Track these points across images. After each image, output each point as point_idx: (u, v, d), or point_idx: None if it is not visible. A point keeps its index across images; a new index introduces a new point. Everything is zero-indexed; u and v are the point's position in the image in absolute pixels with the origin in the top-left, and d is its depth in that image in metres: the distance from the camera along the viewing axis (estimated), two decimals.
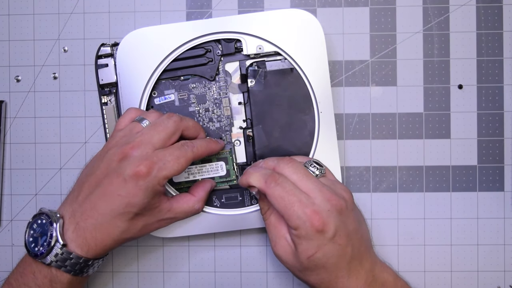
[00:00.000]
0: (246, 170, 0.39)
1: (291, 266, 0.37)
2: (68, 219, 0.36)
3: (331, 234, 0.34)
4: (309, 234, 0.34)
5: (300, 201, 0.35)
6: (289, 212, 0.35)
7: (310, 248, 0.35)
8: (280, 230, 0.37)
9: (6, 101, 0.46)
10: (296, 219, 0.34)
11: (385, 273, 0.38)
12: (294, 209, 0.34)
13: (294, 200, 0.35)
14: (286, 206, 0.35)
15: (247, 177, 0.38)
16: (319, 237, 0.34)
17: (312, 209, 0.34)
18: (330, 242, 0.34)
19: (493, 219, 0.45)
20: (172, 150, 0.36)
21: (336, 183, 0.38)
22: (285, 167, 0.37)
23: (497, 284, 0.44)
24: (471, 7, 0.45)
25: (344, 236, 0.35)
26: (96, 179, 0.36)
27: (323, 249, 0.34)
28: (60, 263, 0.35)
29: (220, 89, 0.43)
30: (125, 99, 0.42)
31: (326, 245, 0.34)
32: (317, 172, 0.38)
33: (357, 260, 0.36)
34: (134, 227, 0.37)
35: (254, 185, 0.37)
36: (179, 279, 0.45)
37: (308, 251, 0.35)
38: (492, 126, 0.45)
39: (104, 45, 0.44)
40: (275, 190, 0.35)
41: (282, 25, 0.42)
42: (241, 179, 0.38)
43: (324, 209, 0.35)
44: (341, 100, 0.45)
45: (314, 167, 0.38)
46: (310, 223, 0.34)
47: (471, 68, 0.45)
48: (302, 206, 0.34)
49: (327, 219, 0.34)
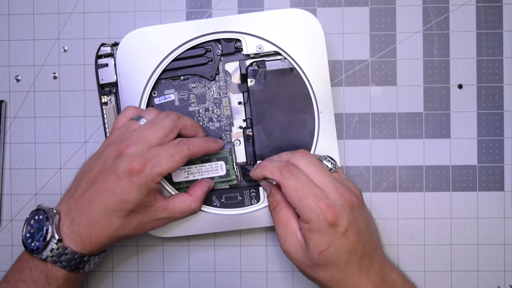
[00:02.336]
0: (259, 163, 0.39)
1: (300, 263, 0.37)
2: (64, 215, 0.36)
3: (344, 229, 0.34)
4: (321, 228, 0.34)
5: (314, 194, 0.34)
6: (303, 204, 0.34)
7: (322, 243, 0.34)
8: (290, 226, 0.37)
9: (6, 101, 0.46)
10: (310, 212, 0.34)
11: (394, 274, 0.37)
12: (308, 201, 0.34)
13: (308, 193, 0.35)
14: (301, 198, 0.35)
15: (261, 169, 0.37)
16: (332, 231, 0.34)
17: (326, 202, 0.34)
18: (342, 237, 0.34)
19: (493, 219, 0.45)
20: (167, 147, 0.36)
21: (347, 181, 0.38)
22: (300, 160, 0.37)
23: (497, 284, 0.44)
24: (471, 7, 0.45)
25: (356, 232, 0.35)
26: (92, 176, 0.37)
27: (335, 244, 0.34)
28: (55, 258, 0.35)
29: (220, 89, 0.43)
30: (125, 99, 0.42)
31: (338, 240, 0.34)
32: (330, 166, 0.38)
33: (367, 258, 0.36)
34: (128, 224, 0.37)
35: (268, 177, 0.37)
36: (179, 279, 0.45)
37: (320, 246, 0.35)
38: (492, 126, 0.45)
39: (104, 45, 0.44)
40: (290, 181, 0.35)
41: (282, 25, 0.42)
42: (255, 172, 0.38)
43: (338, 203, 0.35)
44: (341, 100, 0.45)
45: (328, 161, 0.38)
46: (324, 216, 0.34)
47: (471, 68, 0.45)
48: (316, 199, 0.34)
49: (340, 213, 0.34)
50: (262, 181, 0.39)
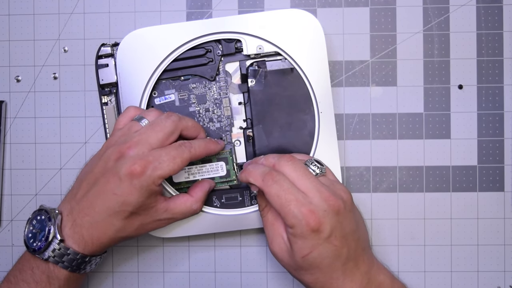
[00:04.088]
0: (245, 167, 0.39)
1: (286, 265, 0.37)
2: (66, 216, 0.36)
3: (327, 234, 0.34)
4: (304, 233, 0.34)
5: (296, 200, 0.34)
6: (285, 211, 0.35)
7: (305, 248, 0.35)
8: (277, 228, 0.37)
9: (6, 101, 0.46)
10: (292, 217, 0.34)
11: (381, 275, 0.38)
12: (291, 207, 0.34)
13: (290, 199, 0.35)
14: (283, 205, 0.35)
15: (246, 174, 0.38)
16: (314, 237, 0.34)
17: (309, 208, 0.34)
18: (325, 242, 0.34)
19: (493, 219, 0.45)
20: (169, 149, 0.37)
21: (336, 183, 0.38)
22: (285, 165, 0.37)
23: (497, 284, 0.44)
24: (471, 7, 0.45)
25: (339, 237, 0.35)
26: (93, 178, 0.37)
27: (317, 249, 0.34)
28: (57, 258, 0.36)
29: (220, 89, 0.43)
30: (125, 99, 0.42)
31: (321, 245, 0.34)
32: (317, 171, 0.37)
33: (352, 262, 0.36)
34: (130, 226, 0.37)
35: (252, 182, 0.37)
36: (179, 279, 0.45)
37: (303, 251, 0.35)
38: (492, 126, 0.45)
39: (104, 45, 0.44)
40: (272, 188, 0.35)
41: (282, 25, 0.42)
42: (241, 175, 0.38)
43: (321, 209, 0.34)
44: (341, 100, 0.45)
45: (314, 166, 0.38)
46: (306, 222, 0.34)
47: (471, 68, 0.45)
48: (298, 205, 0.34)
49: (323, 219, 0.34)
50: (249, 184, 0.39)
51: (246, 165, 0.39)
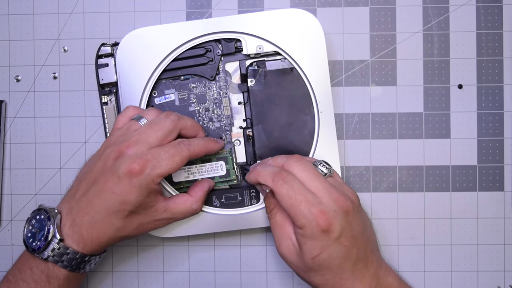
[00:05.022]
0: (253, 167, 0.39)
1: (295, 266, 0.37)
2: (65, 215, 0.36)
3: (337, 235, 0.34)
4: (314, 234, 0.34)
5: (307, 200, 0.34)
6: (296, 211, 0.34)
7: (315, 248, 0.34)
8: (285, 229, 0.37)
9: (6, 101, 0.46)
10: (302, 218, 0.34)
11: (390, 277, 0.37)
12: (301, 208, 0.34)
13: (301, 199, 0.34)
14: (293, 205, 0.34)
15: (255, 174, 0.37)
16: (324, 237, 0.34)
17: (319, 208, 0.34)
18: (335, 243, 0.34)
19: (493, 219, 0.45)
20: (167, 148, 0.36)
21: (343, 185, 0.38)
22: (294, 165, 0.37)
23: (497, 284, 0.44)
24: (471, 7, 0.45)
25: (349, 238, 0.35)
26: (93, 177, 0.37)
27: (328, 250, 0.34)
28: (57, 258, 0.36)
29: (220, 89, 0.43)
30: (125, 99, 0.42)
31: (331, 246, 0.34)
32: (325, 171, 0.37)
33: (362, 263, 0.36)
34: (129, 225, 0.37)
35: (262, 183, 0.37)
36: (179, 279, 0.45)
37: (313, 251, 0.34)
38: (492, 126, 0.45)
39: (104, 45, 0.44)
40: (283, 188, 0.35)
41: (282, 25, 0.42)
42: (249, 176, 0.38)
43: (331, 209, 0.34)
44: (341, 100, 0.45)
45: (323, 166, 0.38)
46: (316, 222, 0.34)
47: (471, 68, 0.45)
48: (308, 205, 0.34)
49: (333, 219, 0.34)
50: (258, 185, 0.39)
51: (253, 166, 0.39)
